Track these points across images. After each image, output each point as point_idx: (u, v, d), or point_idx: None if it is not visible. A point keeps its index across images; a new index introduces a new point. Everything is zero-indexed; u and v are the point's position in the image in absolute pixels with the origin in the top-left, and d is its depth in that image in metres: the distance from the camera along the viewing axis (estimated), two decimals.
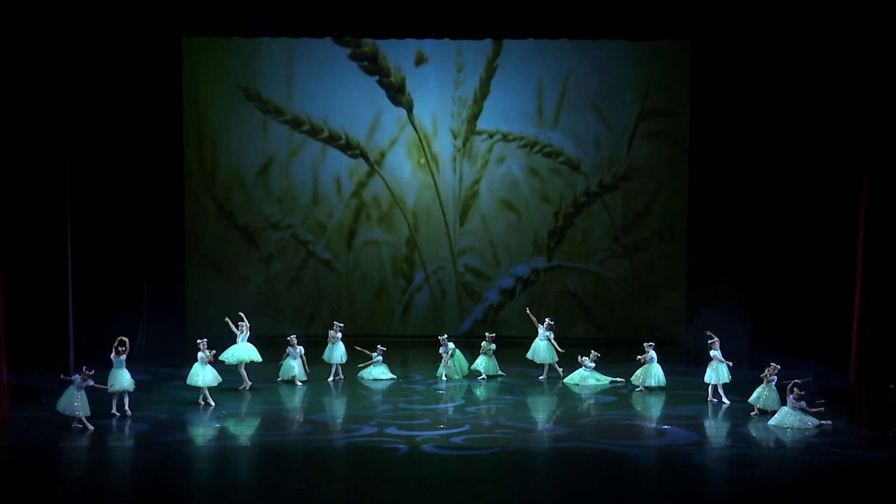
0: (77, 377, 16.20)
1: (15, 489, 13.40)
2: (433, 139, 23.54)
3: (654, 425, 16.89)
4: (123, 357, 16.99)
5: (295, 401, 18.40)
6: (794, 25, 18.97)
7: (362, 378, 19.84)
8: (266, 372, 19.30)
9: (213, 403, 17.50)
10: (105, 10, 18.93)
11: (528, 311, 20.51)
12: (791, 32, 19.18)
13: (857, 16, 16.76)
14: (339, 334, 19.92)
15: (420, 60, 23.21)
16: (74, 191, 19.56)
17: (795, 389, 16.38)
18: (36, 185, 18.56)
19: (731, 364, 18.16)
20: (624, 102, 23.23)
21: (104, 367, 17.57)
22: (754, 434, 16.20)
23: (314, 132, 23.39)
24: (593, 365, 19.60)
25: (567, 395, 18.97)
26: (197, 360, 17.65)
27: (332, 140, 23.42)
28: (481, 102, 23.40)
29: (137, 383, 17.36)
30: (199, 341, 17.96)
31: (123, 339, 17.11)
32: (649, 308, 23.63)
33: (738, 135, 21.13)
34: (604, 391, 19.09)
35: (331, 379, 19.63)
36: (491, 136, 23.45)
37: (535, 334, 20.06)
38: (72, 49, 19.16)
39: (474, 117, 23.45)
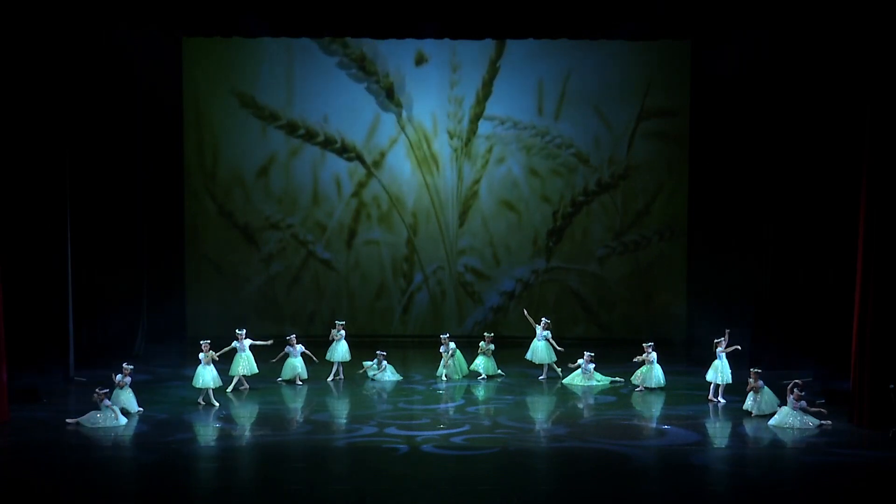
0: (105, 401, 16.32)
1: (15, 489, 13.40)
2: (433, 139, 23.55)
3: (654, 425, 16.89)
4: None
5: (295, 401, 18.39)
6: (794, 25, 18.98)
7: (374, 379, 19.71)
8: (266, 372, 19.27)
9: (216, 404, 17.47)
10: (105, 10, 18.95)
11: (525, 313, 20.50)
12: (791, 32, 19.19)
13: (857, 16, 16.76)
14: (343, 332, 19.89)
15: (420, 60, 23.21)
16: (74, 191, 19.58)
17: (796, 390, 16.37)
18: (36, 185, 18.56)
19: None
20: (623, 103, 23.23)
21: (103, 367, 17.63)
22: (754, 434, 16.20)
23: (310, 136, 23.38)
24: (592, 366, 19.56)
25: (567, 395, 18.95)
26: (200, 362, 17.64)
27: (328, 144, 23.42)
28: (483, 103, 23.40)
29: (137, 383, 17.35)
30: (202, 342, 17.92)
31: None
32: (649, 307, 23.61)
33: (738, 135, 21.14)
34: (604, 391, 19.08)
35: (331, 378, 19.62)
36: (502, 122, 23.44)
37: (535, 334, 20.06)
38: (72, 49, 19.17)
39: (477, 117, 23.45)
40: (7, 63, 17.87)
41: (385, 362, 19.87)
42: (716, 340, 18.18)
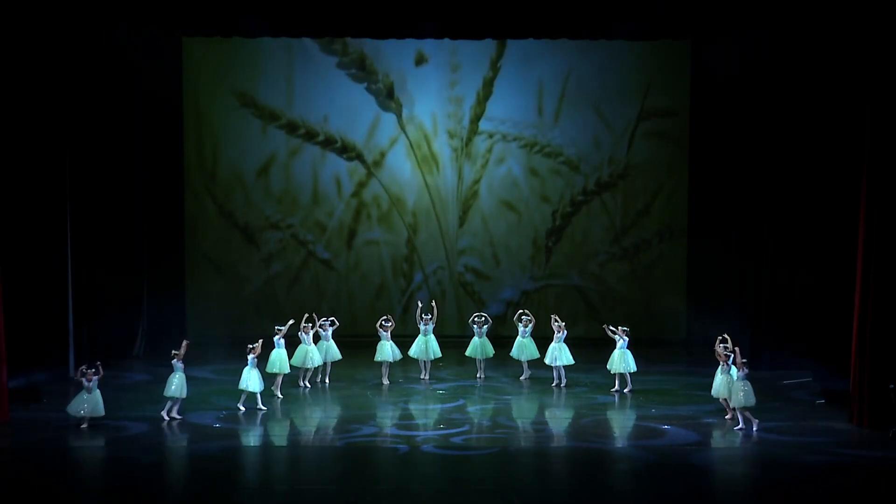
0: (87, 382, 16.06)
1: (15, 489, 13.40)
2: (433, 139, 23.57)
3: (654, 425, 16.87)
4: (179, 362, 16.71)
5: (296, 401, 18.36)
6: (794, 25, 18.99)
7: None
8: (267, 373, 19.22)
9: (263, 408, 17.10)
10: (105, 10, 18.98)
11: (522, 312, 20.45)
12: (791, 32, 19.19)
13: (857, 16, 16.76)
14: (330, 331, 19.53)
15: (420, 60, 23.23)
16: (74, 191, 19.59)
17: (737, 349, 16.07)
18: (36, 185, 18.57)
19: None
20: (623, 103, 23.21)
21: (103, 367, 17.55)
22: (753, 434, 16.18)
23: (310, 136, 23.39)
24: (563, 335, 19.21)
25: (565, 394, 18.91)
26: (248, 364, 17.17)
27: (328, 143, 23.44)
28: (484, 103, 23.42)
29: (137, 383, 17.32)
30: (249, 345, 17.25)
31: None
32: (649, 308, 23.60)
33: (737, 135, 21.15)
34: (604, 392, 18.99)
35: (322, 380, 19.42)
36: (503, 122, 23.46)
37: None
38: (72, 49, 19.18)
39: (477, 117, 23.46)
40: (7, 63, 17.86)
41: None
42: (724, 350, 16.72)
